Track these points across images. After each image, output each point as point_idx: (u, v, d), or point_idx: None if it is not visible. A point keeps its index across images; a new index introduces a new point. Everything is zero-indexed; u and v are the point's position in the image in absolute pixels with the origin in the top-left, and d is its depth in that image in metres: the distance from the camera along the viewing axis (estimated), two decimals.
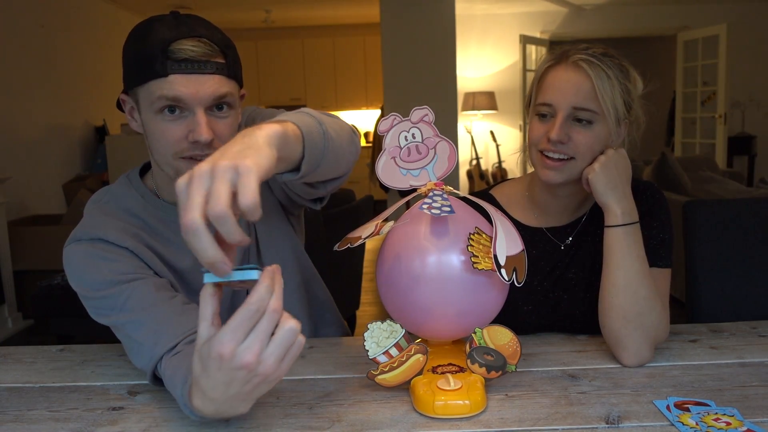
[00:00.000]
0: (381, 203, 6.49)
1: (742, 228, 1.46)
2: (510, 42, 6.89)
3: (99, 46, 5.48)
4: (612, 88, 1.05)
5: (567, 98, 1.06)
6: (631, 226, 1.03)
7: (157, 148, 0.98)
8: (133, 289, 0.97)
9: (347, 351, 1.14)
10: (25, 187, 4.26)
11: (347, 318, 3.16)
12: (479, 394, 0.88)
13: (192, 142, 0.95)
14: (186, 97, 0.93)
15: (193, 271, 1.07)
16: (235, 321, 0.66)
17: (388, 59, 5.11)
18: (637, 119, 1.12)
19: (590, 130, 1.06)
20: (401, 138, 0.97)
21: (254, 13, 6.82)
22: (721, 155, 6.50)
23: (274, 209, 1.19)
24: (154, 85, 0.93)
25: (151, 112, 0.96)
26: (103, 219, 1.03)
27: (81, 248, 1.00)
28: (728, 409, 0.86)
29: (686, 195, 3.72)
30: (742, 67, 6.71)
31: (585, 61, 1.05)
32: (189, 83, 0.93)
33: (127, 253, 1.00)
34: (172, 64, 0.92)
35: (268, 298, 0.66)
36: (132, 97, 0.99)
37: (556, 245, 1.20)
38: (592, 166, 1.05)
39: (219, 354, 0.66)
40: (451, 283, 0.90)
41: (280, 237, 1.19)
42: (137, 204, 1.07)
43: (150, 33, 0.94)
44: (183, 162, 0.97)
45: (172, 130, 0.95)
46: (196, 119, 0.94)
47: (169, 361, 0.91)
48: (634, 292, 1.01)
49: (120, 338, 0.99)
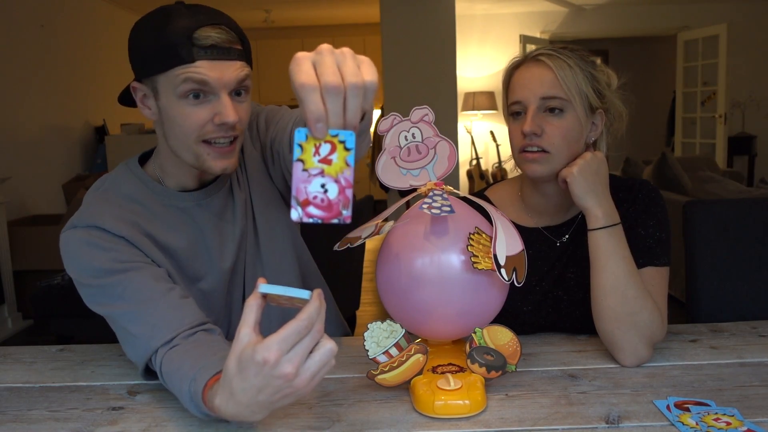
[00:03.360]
0: (381, 203, 6.49)
1: (742, 228, 1.46)
2: (510, 42, 6.89)
3: (99, 46, 5.48)
4: (574, 75, 1.08)
5: (534, 91, 1.09)
6: (613, 227, 1.04)
7: (177, 133, 1.01)
8: (129, 279, 0.98)
9: (347, 351, 1.14)
10: (25, 187, 4.26)
11: (347, 318, 3.15)
12: (479, 394, 0.88)
13: (219, 125, 0.99)
14: (213, 81, 0.97)
15: (188, 253, 1.09)
16: (285, 332, 0.70)
17: (388, 59, 5.11)
18: (617, 109, 1.14)
19: (562, 118, 1.08)
20: (401, 138, 0.97)
21: (254, 13, 6.82)
22: (721, 155, 6.50)
23: (274, 200, 1.19)
24: (179, 71, 0.96)
25: (174, 97, 0.98)
26: (100, 207, 1.05)
27: (77, 235, 1.01)
28: (728, 409, 0.86)
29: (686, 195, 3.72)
30: (742, 67, 6.70)
31: (544, 54, 1.10)
32: (214, 68, 0.97)
33: (123, 242, 1.01)
34: (199, 51, 0.96)
35: (316, 317, 0.71)
36: (147, 85, 1.01)
37: (552, 243, 1.20)
38: (570, 169, 1.05)
39: (264, 359, 0.70)
40: (451, 283, 0.90)
41: (280, 228, 1.19)
42: (137, 189, 1.09)
43: (170, 21, 0.96)
44: (203, 146, 1.01)
45: (197, 114, 0.99)
46: (221, 102, 0.98)
47: (167, 354, 0.92)
48: (623, 292, 1.01)
49: (115, 330, 1.00)
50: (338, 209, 0.71)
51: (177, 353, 0.91)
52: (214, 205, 1.12)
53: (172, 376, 0.89)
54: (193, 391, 0.83)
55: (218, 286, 1.12)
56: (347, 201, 0.71)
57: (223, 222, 1.13)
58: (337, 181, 0.71)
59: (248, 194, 1.17)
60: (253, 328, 0.73)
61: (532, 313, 1.19)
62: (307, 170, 0.71)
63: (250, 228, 1.16)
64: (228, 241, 1.13)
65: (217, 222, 1.12)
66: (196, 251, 1.10)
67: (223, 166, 1.03)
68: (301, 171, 0.71)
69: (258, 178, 1.17)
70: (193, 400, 0.83)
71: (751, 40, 6.78)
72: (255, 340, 0.72)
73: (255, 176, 1.17)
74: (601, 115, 1.11)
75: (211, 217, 1.12)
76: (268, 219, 1.18)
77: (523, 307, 1.18)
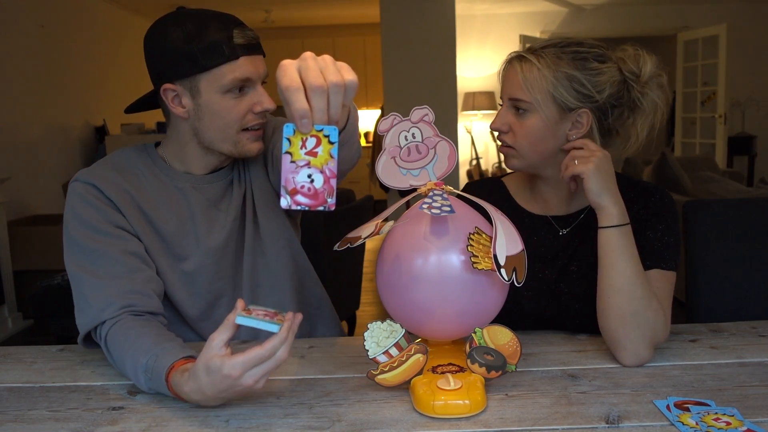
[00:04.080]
0: (381, 203, 6.49)
1: (742, 228, 1.46)
2: (510, 42, 6.89)
3: (99, 46, 5.48)
4: (542, 78, 1.10)
5: (506, 91, 1.15)
6: (625, 227, 1.04)
7: (219, 125, 1.11)
8: (107, 248, 1.08)
9: (347, 351, 1.14)
10: (25, 187, 4.26)
11: (347, 318, 3.16)
12: (479, 394, 0.88)
13: (258, 113, 1.12)
14: (254, 76, 1.09)
15: (175, 232, 1.16)
16: (250, 356, 0.83)
17: (388, 59, 5.11)
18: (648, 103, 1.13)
19: (526, 119, 1.13)
20: (401, 138, 0.97)
21: (254, 13, 6.82)
22: (721, 155, 6.50)
23: (273, 200, 1.24)
24: (225, 69, 1.07)
25: (218, 93, 1.09)
26: (102, 169, 1.15)
27: (77, 188, 1.13)
28: (728, 409, 0.86)
29: (686, 195, 3.72)
30: (742, 67, 6.70)
31: (517, 57, 1.14)
32: (252, 64, 1.09)
33: (111, 205, 1.11)
34: (240, 49, 1.07)
35: (280, 347, 0.84)
36: (182, 85, 1.10)
37: (556, 232, 1.21)
38: (586, 166, 1.05)
39: (230, 374, 0.83)
40: (451, 283, 0.90)
41: (278, 229, 1.25)
42: (143, 164, 1.18)
43: (205, 25, 1.07)
44: (244, 134, 1.13)
45: (240, 106, 1.10)
46: (258, 92, 1.11)
47: (115, 327, 1.01)
48: (631, 292, 1.02)
49: (73, 290, 1.08)
50: (324, 197, 0.78)
51: (127, 328, 1.00)
52: (211, 192, 1.19)
53: (124, 347, 0.98)
54: (151, 365, 0.93)
55: (202, 269, 1.17)
56: (332, 190, 0.79)
57: (217, 210, 1.19)
58: (323, 171, 0.78)
59: (250, 191, 1.23)
60: (225, 343, 0.85)
61: (532, 301, 1.19)
62: (295, 162, 0.78)
63: (249, 219, 1.22)
64: (218, 226, 1.18)
65: (209, 207, 1.19)
66: (183, 231, 1.16)
67: (258, 147, 1.16)
68: (289, 163, 0.78)
69: (260, 179, 1.24)
70: (146, 371, 0.93)
71: (751, 40, 6.78)
72: (223, 353, 0.84)
73: (257, 177, 1.24)
74: (586, 114, 1.11)
75: (206, 202, 1.18)
76: (267, 215, 1.23)
77: (524, 292, 1.17)
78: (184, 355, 0.93)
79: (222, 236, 1.18)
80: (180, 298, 1.16)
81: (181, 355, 0.93)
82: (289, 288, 1.25)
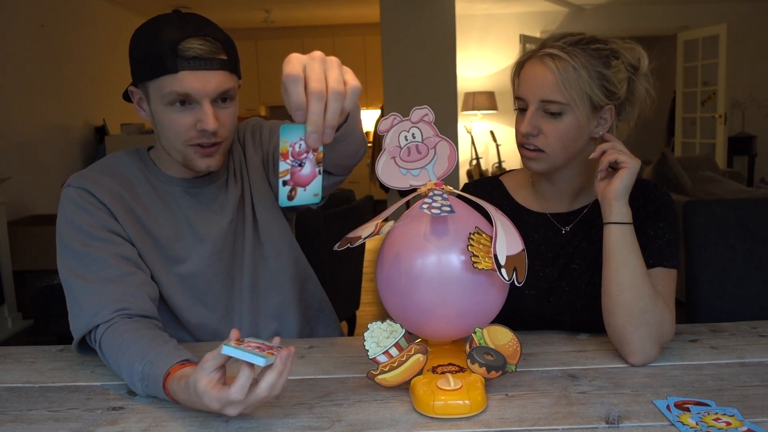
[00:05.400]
0: (381, 203, 6.49)
1: (742, 228, 1.46)
2: (510, 42, 6.88)
3: (99, 46, 5.48)
4: (578, 78, 1.06)
5: (534, 92, 1.09)
6: (631, 225, 1.05)
7: (167, 136, 1.09)
8: (99, 253, 1.07)
9: (347, 351, 1.14)
10: (25, 187, 4.26)
11: (347, 318, 3.15)
12: (479, 394, 0.88)
13: (200, 131, 1.07)
14: (194, 92, 1.04)
15: (170, 240, 1.16)
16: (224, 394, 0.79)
17: (388, 59, 5.11)
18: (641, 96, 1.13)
19: (560, 121, 1.09)
20: (401, 138, 0.97)
21: (254, 12, 6.82)
22: (721, 155, 6.50)
23: (271, 200, 1.24)
24: (165, 81, 1.03)
25: (161, 104, 1.06)
26: (95, 174, 1.15)
27: (70, 193, 1.12)
28: (728, 409, 0.86)
29: (686, 195, 3.72)
30: (742, 67, 6.70)
31: (549, 55, 1.08)
32: (197, 79, 1.03)
33: (103, 209, 1.11)
34: (182, 62, 1.02)
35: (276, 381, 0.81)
36: (141, 90, 1.10)
37: (558, 230, 1.21)
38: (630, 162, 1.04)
39: (208, 406, 0.81)
40: (451, 283, 0.90)
41: (278, 231, 1.25)
42: (136, 168, 1.18)
43: (159, 32, 1.03)
44: (191, 148, 1.09)
45: (182, 121, 1.06)
46: (203, 110, 1.05)
47: (108, 331, 1.00)
48: (639, 289, 1.02)
49: (66, 295, 1.09)
50: (312, 194, 0.85)
51: (120, 332, 0.99)
52: (203, 195, 1.19)
53: (119, 352, 0.97)
54: (147, 372, 0.92)
55: (198, 272, 1.17)
56: (319, 187, 0.85)
57: (210, 212, 1.19)
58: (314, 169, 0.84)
59: (249, 191, 1.23)
60: (214, 368, 0.82)
61: (533, 299, 1.19)
62: (289, 161, 0.83)
63: (249, 219, 1.21)
64: (212, 229, 1.18)
65: (202, 210, 1.18)
66: (177, 234, 1.16)
67: (208, 164, 1.11)
68: (283, 162, 0.82)
69: (258, 180, 1.23)
70: (142, 379, 0.93)
71: (751, 40, 6.78)
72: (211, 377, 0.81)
73: (256, 178, 1.23)
74: (610, 110, 1.11)
75: (198, 205, 1.18)
76: (267, 217, 1.23)
77: (526, 290, 1.17)
78: (179, 360, 0.92)
79: (217, 238, 1.18)
80: (176, 302, 1.16)
81: (176, 360, 0.92)
82: (289, 290, 1.25)
